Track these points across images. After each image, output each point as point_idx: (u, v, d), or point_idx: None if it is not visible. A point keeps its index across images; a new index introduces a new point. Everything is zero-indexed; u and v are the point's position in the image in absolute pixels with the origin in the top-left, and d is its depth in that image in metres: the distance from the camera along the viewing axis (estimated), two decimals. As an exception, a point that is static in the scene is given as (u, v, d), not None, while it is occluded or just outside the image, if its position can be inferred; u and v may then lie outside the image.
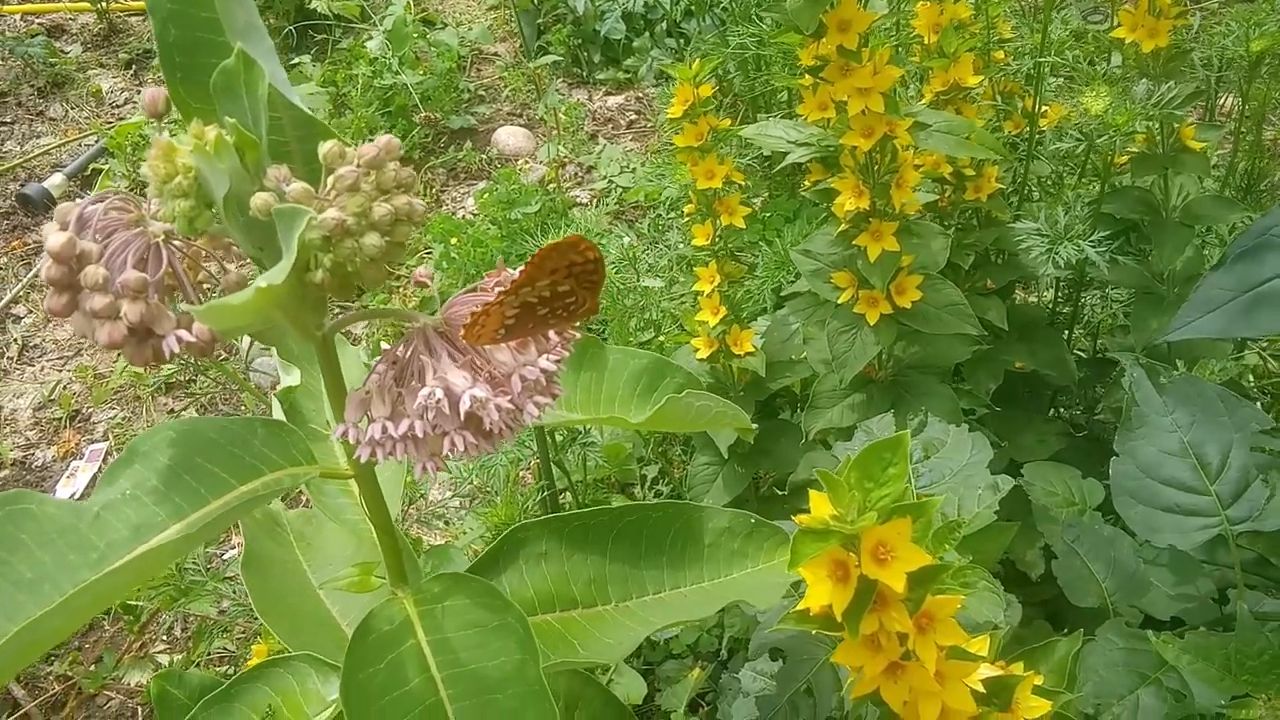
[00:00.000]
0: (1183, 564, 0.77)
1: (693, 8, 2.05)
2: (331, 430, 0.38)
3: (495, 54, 2.44)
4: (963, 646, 0.48)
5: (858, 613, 0.44)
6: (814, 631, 0.49)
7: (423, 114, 2.09)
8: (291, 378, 0.56)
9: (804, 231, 1.31)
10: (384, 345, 0.39)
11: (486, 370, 0.38)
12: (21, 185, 2.19)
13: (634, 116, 2.23)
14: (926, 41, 1.02)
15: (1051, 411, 1.21)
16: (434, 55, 2.19)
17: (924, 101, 1.02)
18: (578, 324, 0.39)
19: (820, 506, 0.44)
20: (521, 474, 1.25)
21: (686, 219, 0.98)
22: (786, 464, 1.01)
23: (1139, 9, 0.90)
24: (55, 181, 2.18)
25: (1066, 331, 1.20)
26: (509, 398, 0.37)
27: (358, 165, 0.34)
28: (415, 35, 2.17)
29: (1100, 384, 1.20)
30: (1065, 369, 1.09)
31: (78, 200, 0.37)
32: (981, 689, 0.49)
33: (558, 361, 0.38)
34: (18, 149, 2.34)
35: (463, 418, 0.36)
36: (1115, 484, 0.67)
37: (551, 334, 0.39)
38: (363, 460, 0.38)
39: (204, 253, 0.39)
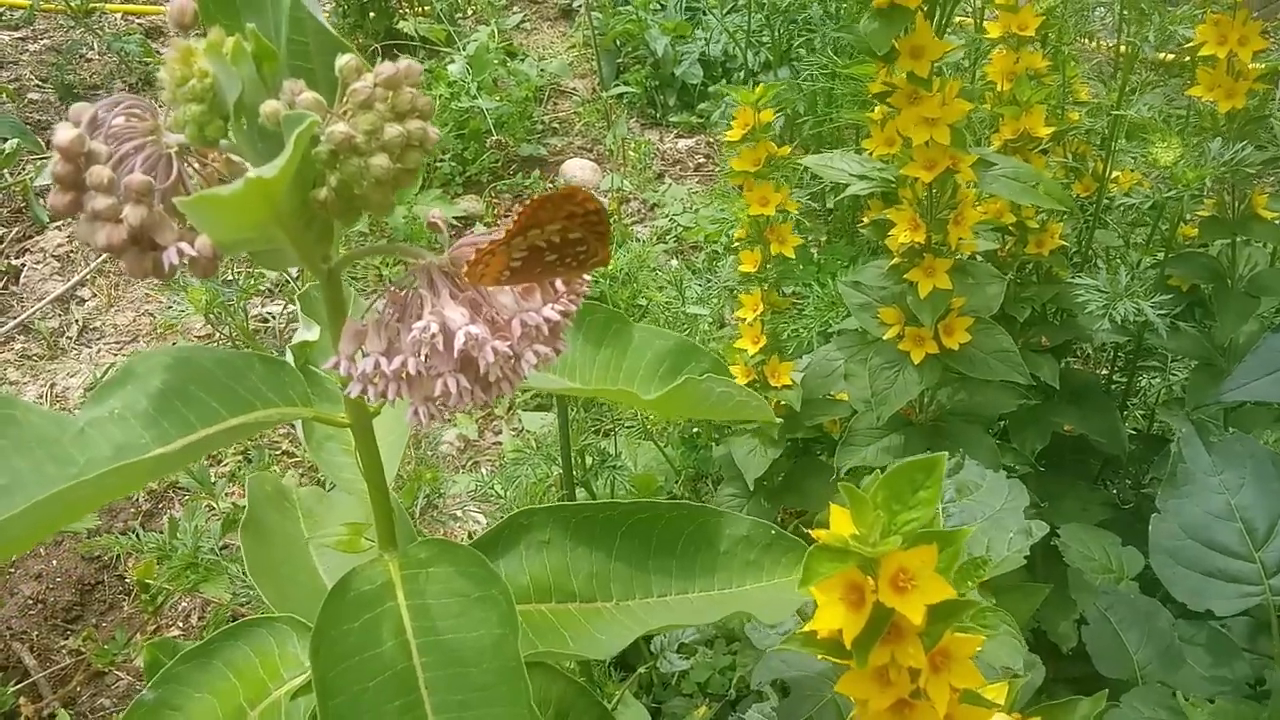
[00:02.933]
0: (1221, 645, 0.73)
1: (770, 59, 2.06)
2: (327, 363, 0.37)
3: (573, 89, 2.46)
4: (978, 692, 0.45)
5: (868, 643, 0.41)
6: (819, 657, 0.46)
7: (495, 138, 2.11)
8: (311, 333, 0.55)
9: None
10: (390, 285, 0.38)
11: (488, 313, 0.36)
12: (102, 174, 2.25)
13: (702, 160, 2.24)
14: (1000, 89, 1.00)
15: (1098, 483, 1.17)
16: (513, 84, 2.22)
17: (992, 149, 1.00)
18: (587, 276, 0.38)
19: (841, 524, 0.41)
20: (548, 489, 1.23)
21: (736, 244, 0.97)
22: (815, 502, 0.98)
23: (1218, 68, 0.88)
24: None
25: (1120, 405, 1.16)
26: (508, 343, 0.36)
27: (374, 83, 0.34)
28: (496, 63, 2.21)
29: (1150, 460, 1.16)
30: (1117, 437, 1.05)
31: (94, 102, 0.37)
32: (995, 739, 0.46)
33: (563, 313, 0.37)
34: (104, 140, 2.41)
35: (457, 356, 0.35)
36: (1154, 543, 0.63)
37: (559, 284, 0.37)
38: (353, 395, 0.37)
39: (217, 174, 0.39)
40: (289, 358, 0.53)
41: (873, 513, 0.39)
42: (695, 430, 1.44)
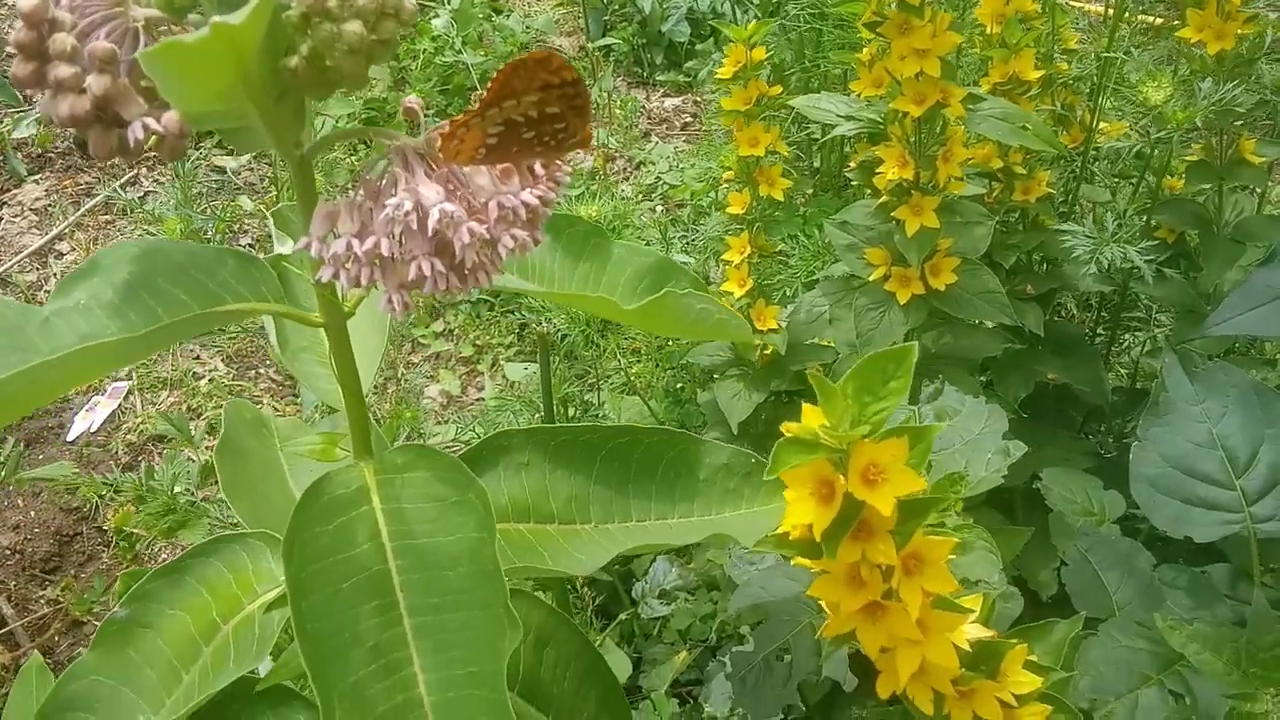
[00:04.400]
0: (1201, 588, 0.73)
1: (759, 16, 2.04)
2: (294, 246, 0.36)
3: (559, 47, 2.44)
4: (951, 599, 0.45)
5: (838, 535, 0.41)
6: (791, 562, 0.46)
7: (479, 93, 2.09)
8: (285, 247, 0.54)
9: (845, 230, 1.28)
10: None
11: (464, 195, 0.35)
12: (81, 128, 2.22)
13: (689, 119, 2.22)
14: (989, 31, 0.99)
15: (1080, 434, 1.17)
16: (498, 39, 2.20)
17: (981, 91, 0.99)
18: (567, 167, 0.37)
19: (811, 419, 0.41)
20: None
21: (725, 185, 0.96)
22: (799, 448, 0.98)
23: (1207, 9, 0.87)
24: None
25: (1103, 359, 1.15)
26: (485, 225, 0.35)
27: (348, -52, 0.32)
28: (481, 18, 2.18)
29: (1132, 413, 1.16)
30: (1100, 387, 1.04)
31: (59, -29, 0.35)
32: (968, 648, 0.45)
33: (542, 199, 0.36)
34: (82, 94, 2.37)
35: (432, 237, 0.34)
36: (1134, 471, 0.63)
37: (539, 168, 0.36)
38: (324, 279, 0.36)
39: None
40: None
41: (843, 403, 0.38)
42: (680, 385, 1.44)
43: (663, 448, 0.60)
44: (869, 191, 0.93)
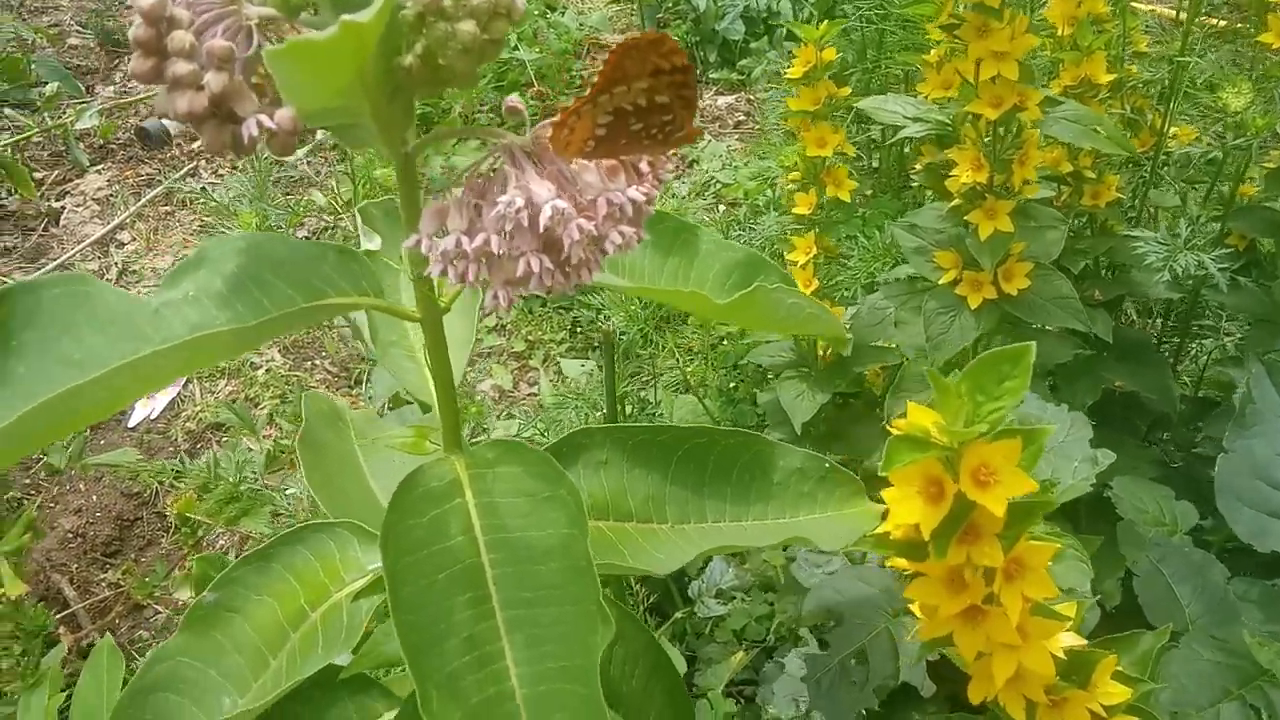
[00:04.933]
0: (1274, 602, 0.72)
1: (813, 14, 2.03)
2: (404, 242, 0.37)
3: (612, 44, 2.44)
4: (1048, 606, 0.44)
5: (947, 536, 0.40)
6: (885, 564, 0.46)
7: (535, 89, 2.10)
8: (372, 244, 0.55)
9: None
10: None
11: (572, 192, 0.35)
12: (142, 120, 2.26)
13: (742, 118, 2.22)
14: (1060, 34, 0.98)
15: (1145, 442, 1.15)
16: (552, 36, 2.20)
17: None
18: (669, 164, 0.37)
19: (918, 416, 0.41)
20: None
21: (791, 185, 0.95)
22: (862, 450, 0.97)
23: (1293, 13, 0.85)
24: (174, 120, 2.24)
25: (1170, 366, 1.14)
26: (593, 222, 0.35)
27: (466, -52, 0.33)
28: (536, 14, 2.19)
29: (1199, 422, 1.14)
30: (1168, 395, 1.03)
31: (180, -31, 0.36)
32: (1062, 656, 0.45)
33: (647, 196, 0.36)
34: (143, 87, 2.41)
35: (542, 231, 0.34)
36: (1221, 482, 0.62)
37: (643, 166, 0.36)
38: (433, 275, 0.36)
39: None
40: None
41: (957, 401, 0.38)
42: (733, 384, 1.43)
43: (738, 450, 0.60)
44: (929, 194, 0.92)
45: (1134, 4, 1.12)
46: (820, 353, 1.00)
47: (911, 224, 0.86)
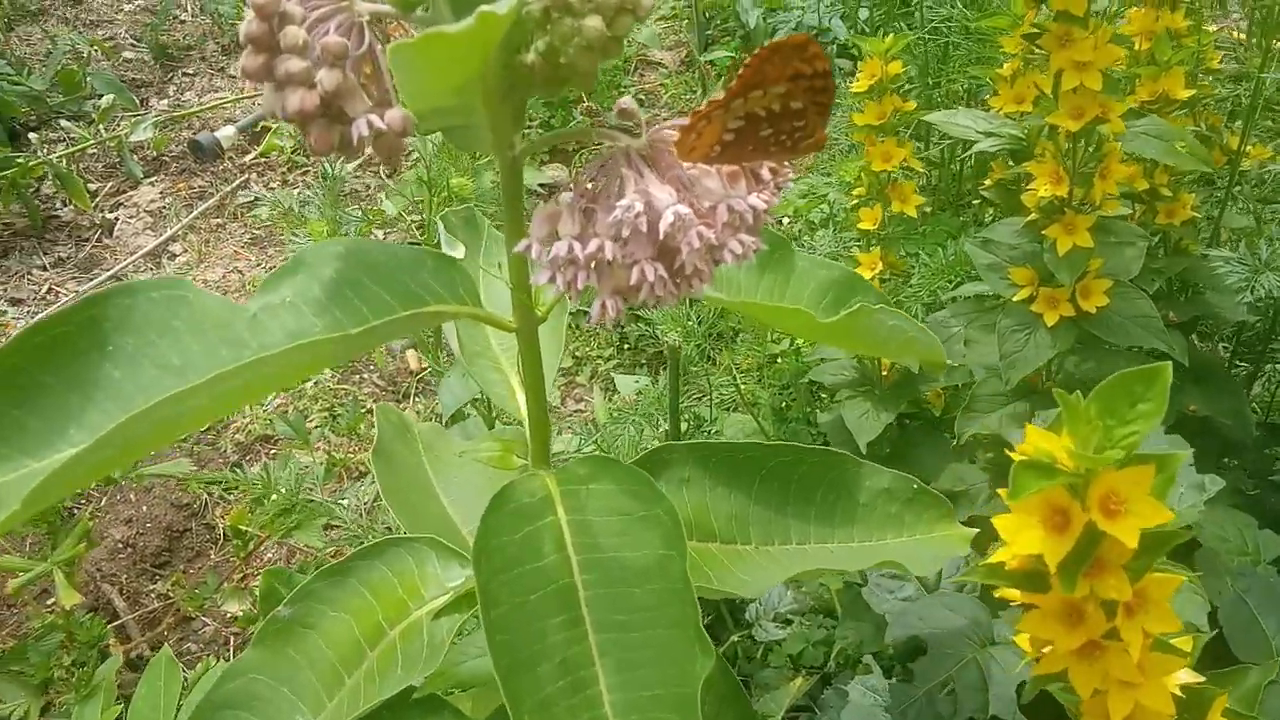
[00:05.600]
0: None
1: (865, 30, 2.01)
2: (513, 248, 0.35)
3: (660, 61, 2.44)
4: (1168, 641, 0.42)
5: (1075, 568, 0.38)
6: (995, 593, 0.44)
7: (585, 105, 2.09)
8: (456, 252, 0.54)
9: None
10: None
11: (689, 198, 0.34)
12: (195, 133, 2.28)
13: (792, 135, 2.20)
14: (1137, 48, 0.96)
15: (1220, 469, 1.12)
16: (601, 52, 2.20)
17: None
18: (790, 172, 0.36)
19: (1042, 441, 0.38)
20: (645, 449, 1.21)
21: (855, 201, 0.94)
22: (927, 472, 0.95)
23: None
24: (227, 133, 2.26)
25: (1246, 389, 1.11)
26: (713, 230, 0.33)
27: (590, -58, 0.31)
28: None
29: (1277, 447, 1.10)
30: (1243, 420, 1.00)
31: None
32: (1180, 694, 0.42)
33: (768, 204, 0.35)
34: (196, 100, 2.44)
35: (661, 238, 0.33)
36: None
37: (765, 172, 0.35)
38: (540, 283, 0.35)
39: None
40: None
41: (1086, 425, 0.36)
42: (784, 404, 1.41)
43: (823, 468, 0.58)
44: (990, 211, 0.90)
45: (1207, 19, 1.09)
46: (884, 371, 0.98)
47: (985, 239, 0.84)
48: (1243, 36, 1.19)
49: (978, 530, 0.59)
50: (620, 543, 0.42)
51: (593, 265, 0.35)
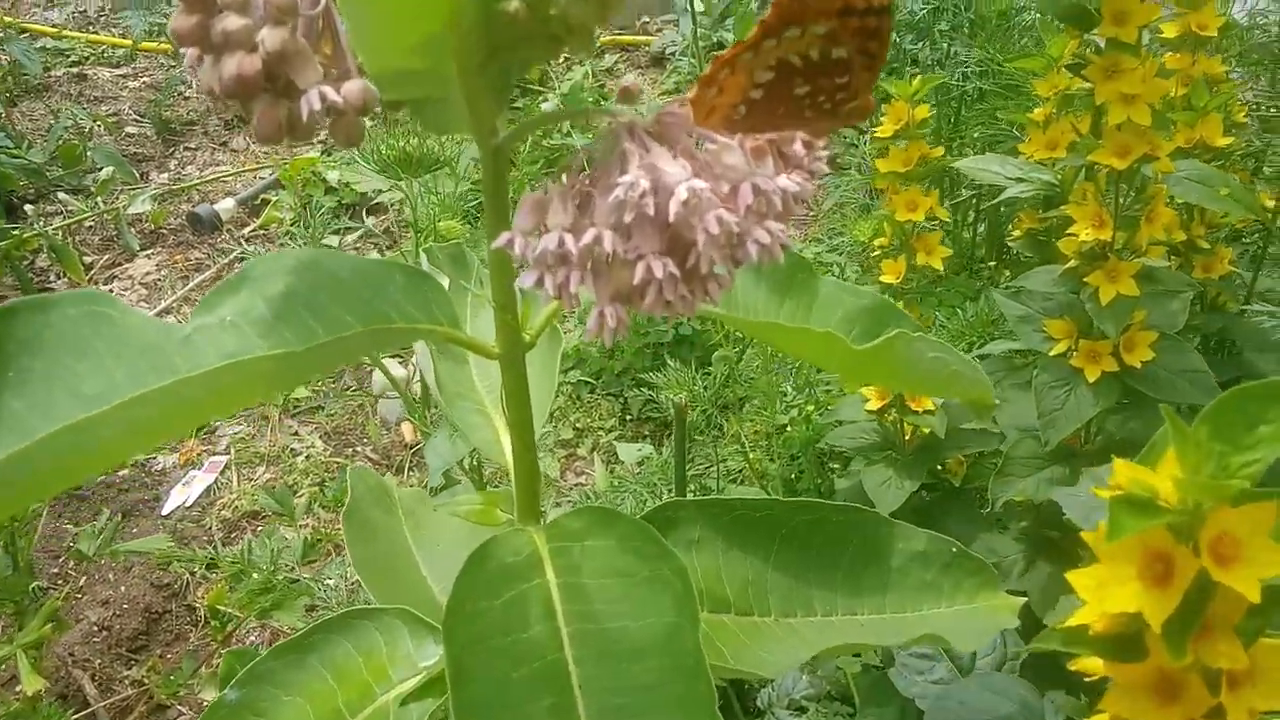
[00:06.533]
0: None
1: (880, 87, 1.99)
2: (493, 243, 0.29)
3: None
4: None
5: (1183, 629, 0.31)
6: (1071, 664, 0.37)
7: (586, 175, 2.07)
8: (440, 281, 0.48)
9: (986, 310, 1.19)
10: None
11: (707, 176, 0.28)
12: (194, 206, 2.25)
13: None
14: (1172, 95, 0.91)
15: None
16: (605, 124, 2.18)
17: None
18: (825, 151, 0.30)
19: (1135, 473, 0.31)
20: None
21: (878, 251, 0.88)
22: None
23: None
24: (226, 205, 2.23)
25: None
26: (735, 217, 0.27)
27: None
28: (590, 101, 2.17)
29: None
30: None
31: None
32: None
33: (800, 187, 0.29)
34: (197, 173, 2.42)
35: (672, 222, 0.27)
36: None
37: (798, 147, 0.29)
38: (526, 285, 0.29)
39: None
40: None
41: (1196, 452, 0.29)
42: (794, 475, 1.34)
43: (850, 529, 0.51)
44: (1006, 272, 0.84)
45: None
46: (906, 435, 0.92)
47: (1018, 289, 0.78)
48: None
49: (1026, 598, 0.52)
50: (621, 610, 0.35)
51: (588, 263, 0.29)
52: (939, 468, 1.00)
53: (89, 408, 0.29)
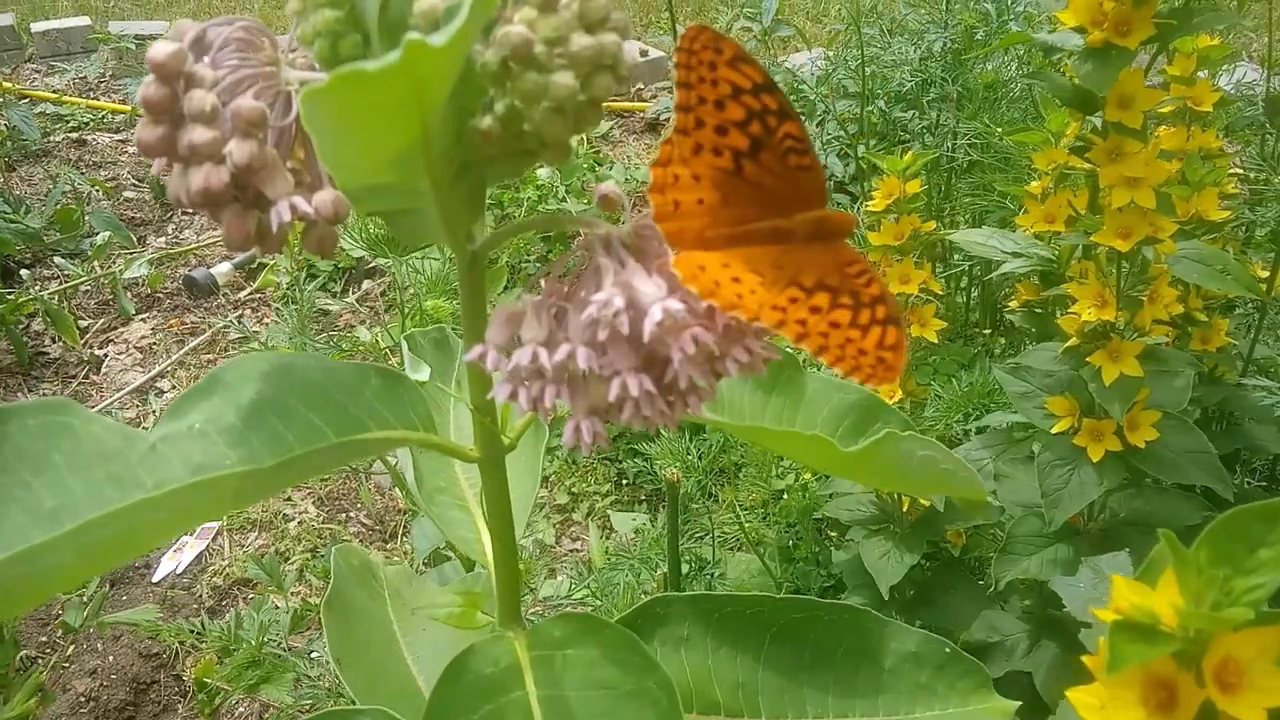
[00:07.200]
0: None
1: (862, 168, 2.00)
2: (465, 354, 0.28)
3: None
4: None
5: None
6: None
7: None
8: (420, 374, 0.47)
9: (982, 380, 1.18)
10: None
11: (683, 294, 0.27)
12: (191, 270, 2.25)
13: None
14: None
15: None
16: (602, 188, 2.20)
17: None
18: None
19: (1133, 595, 0.30)
20: (643, 595, 1.12)
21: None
22: (955, 620, 0.86)
23: None
24: (222, 270, 2.23)
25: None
26: (712, 335, 0.27)
27: (560, -18, 0.26)
28: (585, 168, 2.19)
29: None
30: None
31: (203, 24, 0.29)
32: None
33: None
34: (194, 237, 2.43)
35: (646, 341, 0.26)
36: None
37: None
38: (500, 398, 0.28)
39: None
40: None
41: (1197, 577, 0.28)
42: (791, 542, 1.33)
43: (842, 628, 0.50)
44: (1001, 341, 0.84)
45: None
46: (905, 507, 0.90)
47: (1018, 366, 0.77)
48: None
49: (1020, 703, 0.50)
50: (604, 726, 0.34)
51: (563, 378, 0.28)
52: (940, 538, 0.99)
53: (48, 526, 0.28)
